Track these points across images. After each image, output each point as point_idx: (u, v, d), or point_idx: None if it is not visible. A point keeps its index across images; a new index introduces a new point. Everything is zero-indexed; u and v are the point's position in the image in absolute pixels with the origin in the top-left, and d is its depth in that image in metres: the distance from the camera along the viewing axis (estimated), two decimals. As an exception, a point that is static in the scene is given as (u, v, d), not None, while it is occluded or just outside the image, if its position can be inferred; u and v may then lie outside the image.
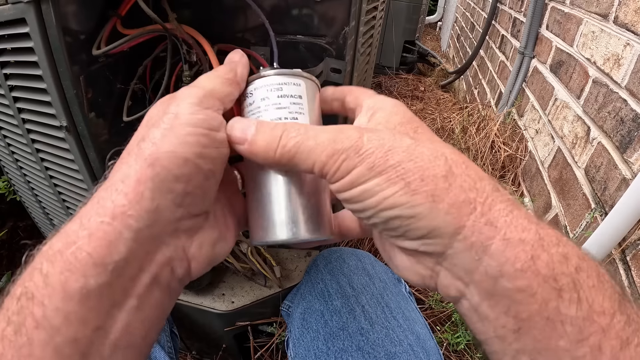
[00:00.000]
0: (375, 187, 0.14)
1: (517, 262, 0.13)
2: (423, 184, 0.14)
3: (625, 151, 0.49)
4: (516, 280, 0.13)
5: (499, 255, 0.13)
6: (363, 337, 0.36)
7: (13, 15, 0.27)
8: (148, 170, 0.14)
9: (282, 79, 0.19)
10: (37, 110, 0.32)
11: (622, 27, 0.54)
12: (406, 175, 0.14)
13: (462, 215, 0.14)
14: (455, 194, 0.14)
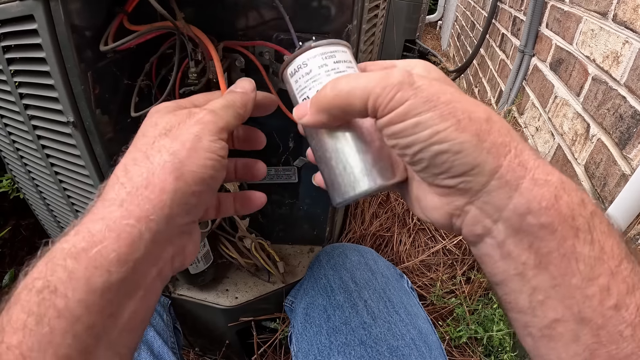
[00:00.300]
0: (428, 121, 0.15)
1: (543, 201, 0.15)
2: (470, 123, 0.15)
3: (624, 147, 0.49)
4: (541, 217, 0.14)
5: (528, 193, 0.15)
6: (365, 332, 0.37)
7: (21, 12, 0.27)
8: (173, 183, 0.16)
9: (334, 47, 0.20)
10: (44, 106, 0.32)
11: (620, 24, 0.54)
12: (457, 114, 0.15)
13: (500, 155, 0.15)
14: (495, 136, 0.15)
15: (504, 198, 0.15)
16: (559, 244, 0.15)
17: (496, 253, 0.16)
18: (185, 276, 0.46)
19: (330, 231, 0.53)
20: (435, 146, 0.15)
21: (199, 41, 0.29)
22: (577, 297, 0.14)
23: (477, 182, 0.15)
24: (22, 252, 0.86)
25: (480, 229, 0.16)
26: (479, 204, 0.16)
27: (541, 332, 0.16)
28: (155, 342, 0.40)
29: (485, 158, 0.15)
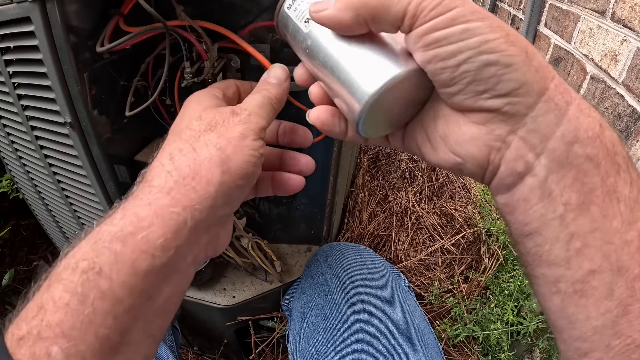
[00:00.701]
0: (478, 29, 0.14)
1: (589, 130, 0.14)
2: (519, 40, 0.14)
3: (622, 146, 0.49)
4: (587, 147, 0.14)
5: (575, 120, 0.14)
6: (362, 330, 0.37)
7: (18, 14, 0.27)
8: (219, 176, 0.17)
9: None
10: (41, 107, 0.32)
11: (619, 23, 0.54)
12: (504, 28, 0.14)
13: (546, 78, 0.14)
14: (540, 59, 0.15)
15: (551, 124, 0.14)
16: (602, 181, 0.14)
17: (535, 195, 0.15)
18: (183, 275, 0.47)
19: (327, 230, 0.54)
20: (485, 55, 0.14)
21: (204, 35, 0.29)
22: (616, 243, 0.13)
23: (524, 104, 0.14)
24: (22, 252, 0.86)
25: (522, 165, 0.15)
26: (523, 132, 0.14)
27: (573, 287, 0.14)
28: (154, 341, 0.40)
29: (533, 76, 0.14)
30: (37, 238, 0.87)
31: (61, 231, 0.52)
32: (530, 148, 0.15)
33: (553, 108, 0.14)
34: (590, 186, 0.14)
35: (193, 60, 0.32)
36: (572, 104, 0.14)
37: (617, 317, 0.13)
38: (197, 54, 0.31)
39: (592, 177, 0.14)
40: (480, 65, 0.14)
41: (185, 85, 0.31)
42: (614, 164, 0.14)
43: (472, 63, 0.14)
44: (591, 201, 0.14)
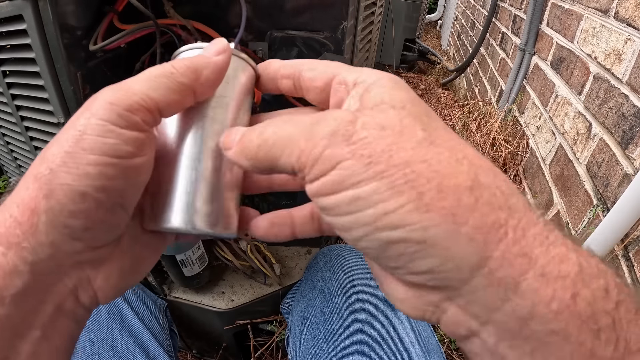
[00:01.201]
0: (373, 195, 0.10)
1: (554, 303, 0.11)
2: (441, 197, 0.10)
3: (627, 147, 0.49)
4: (550, 323, 0.11)
5: (532, 294, 0.11)
6: (364, 335, 0.36)
7: (10, 12, 0.27)
8: (42, 201, 0.12)
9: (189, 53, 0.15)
10: (35, 107, 0.32)
11: (622, 22, 0.54)
12: (417, 183, 0.10)
13: (489, 243, 0.11)
14: (483, 214, 0.11)
15: (495, 300, 0.11)
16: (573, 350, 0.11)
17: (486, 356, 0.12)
18: (180, 279, 0.46)
19: (328, 232, 0.53)
20: (385, 233, 0.11)
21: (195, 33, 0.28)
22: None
23: (454, 279, 0.11)
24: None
25: (465, 331, 0.12)
26: (460, 302, 0.12)
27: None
28: (151, 345, 0.39)
29: (464, 249, 0.10)
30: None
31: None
32: (472, 317, 0.12)
33: (495, 284, 0.11)
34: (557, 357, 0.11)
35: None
36: (529, 273, 0.11)
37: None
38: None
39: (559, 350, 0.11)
40: (382, 244, 0.11)
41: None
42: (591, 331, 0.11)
43: (371, 241, 0.11)
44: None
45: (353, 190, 0.11)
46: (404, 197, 0.10)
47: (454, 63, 1.97)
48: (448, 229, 0.10)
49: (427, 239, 0.10)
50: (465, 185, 0.11)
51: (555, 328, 0.11)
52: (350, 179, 0.11)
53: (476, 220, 0.10)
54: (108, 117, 0.12)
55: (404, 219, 0.10)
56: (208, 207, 0.15)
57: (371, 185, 0.10)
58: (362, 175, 0.11)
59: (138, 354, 0.37)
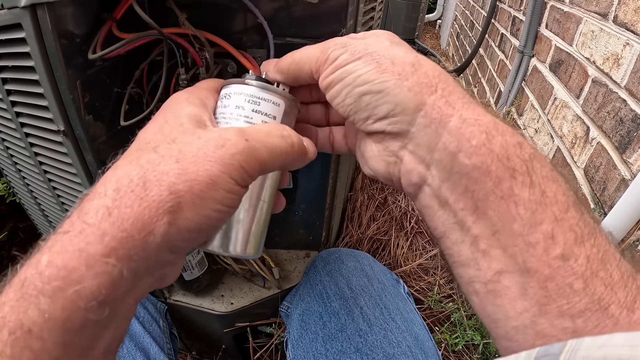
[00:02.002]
0: (353, 68, 0.16)
1: (473, 139, 0.14)
2: (392, 66, 0.16)
3: (624, 151, 0.49)
4: (472, 156, 0.14)
5: (456, 131, 0.14)
6: (361, 339, 0.37)
7: (9, 21, 0.27)
8: (163, 227, 0.14)
9: (263, 94, 0.18)
10: (35, 114, 0.32)
11: (621, 26, 0.54)
12: (380, 59, 0.16)
13: (423, 94, 0.15)
14: (420, 77, 0.16)
15: (432, 137, 0.15)
16: (494, 186, 0.14)
17: (434, 203, 0.16)
18: (180, 282, 0.46)
19: (326, 236, 0.53)
20: (357, 88, 0.16)
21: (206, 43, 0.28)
22: (520, 245, 0.13)
23: (403, 122, 0.16)
24: (20, 256, 0.86)
25: (416, 177, 0.16)
26: (411, 147, 0.16)
27: (486, 287, 0.14)
28: (152, 349, 0.39)
29: (406, 95, 0.15)
30: (35, 240, 0.86)
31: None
32: (419, 160, 0.16)
33: (430, 122, 0.15)
34: (483, 192, 0.14)
35: (188, 66, 0.31)
36: (453, 116, 0.15)
37: (535, 316, 0.13)
38: (192, 59, 0.31)
39: (483, 184, 0.14)
40: (356, 97, 0.16)
41: (181, 92, 0.31)
42: (507, 168, 0.14)
43: (351, 97, 0.17)
44: (487, 206, 0.14)
45: (343, 68, 0.17)
46: (370, 66, 0.16)
47: (452, 63, 1.96)
48: (396, 82, 0.16)
49: (383, 89, 0.16)
50: (409, 62, 0.16)
51: (477, 162, 0.14)
52: (344, 62, 0.17)
53: (414, 79, 0.16)
54: (237, 178, 0.15)
55: (369, 77, 0.16)
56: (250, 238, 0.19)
57: (354, 63, 0.17)
58: (350, 59, 0.17)
59: (139, 357, 0.37)
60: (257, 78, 0.19)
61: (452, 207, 0.15)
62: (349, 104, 0.17)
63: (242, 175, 0.15)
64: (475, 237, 0.15)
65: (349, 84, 0.16)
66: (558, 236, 0.13)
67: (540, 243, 0.13)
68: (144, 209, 0.14)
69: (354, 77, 0.16)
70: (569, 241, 0.13)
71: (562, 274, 0.13)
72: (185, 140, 0.15)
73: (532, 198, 0.13)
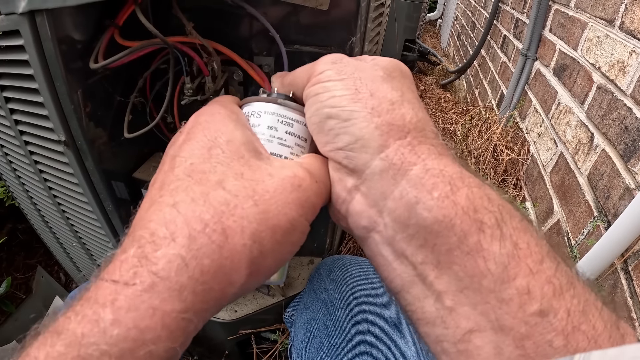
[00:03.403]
0: (331, 87, 0.16)
1: (435, 191, 0.13)
2: (369, 98, 0.15)
3: (629, 160, 0.49)
4: (433, 209, 0.13)
5: (417, 181, 0.13)
6: (367, 349, 0.36)
7: (7, 27, 0.26)
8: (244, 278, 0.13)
9: (296, 115, 0.18)
10: (35, 123, 0.31)
11: (628, 33, 0.53)
12: (360, 87, 0.15)
13: (390, 136, 0.14)
14: (394, 118, 0.15)
15: (389, 183, 0.14)
16: (459, 241, 0.13)
17: (388, 252, 0.14)
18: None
19: (330, 242, 0.53)
20: (327, 109, 0.15)
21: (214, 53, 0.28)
22: (492, 302, 0.12)
23: (359, 159, 0.15)
24: (19, 257, 0.85)
25: (366, 221, 0.15)
26: (364, 188, 0.15)
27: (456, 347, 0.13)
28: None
29: (371, 133, 0.14)
30: (34, 242, 0.85)
31: (58, 241, 0.51)
32: (371, 204, 0.15)
33: (389, 167, 0.14)
34: (446, 247, 0.13)
35: (193, 74, 0.30)
36: (416, 165, 0.14)
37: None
38: (198, 68, 0.30)
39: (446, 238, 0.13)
40: (323, 117, 0.16)
41: (186, 102, 0.30)
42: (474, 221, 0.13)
43: (318, 115, 0.16)
44: (451, 261, 0.13)
45: (323, 84, 0.16)
46: (348, 91, 0.15)
47: (453, 64, 1.96)
48: (365, 116, 0.15)
49: (350, 119, 0.15)
50: (389, 99, 0.15)
51: (439, 216, 0.13)
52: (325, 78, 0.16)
53: (386, 118, 0.15)
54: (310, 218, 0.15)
55: (341, 102, 0.15)
56: None
57: (334, 82, 0.16)
58: (332, 77, 0.16)
59: None
60: (287, 97, 0.18)
61: (410, 259, 0.14)
62: (314, 122, 0.16)
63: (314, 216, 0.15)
64: (439, 293, 0.13)
65: (321, 101, 0.16)
66: (534, 290, 0.12)
67: (515, 299, 0.12)
68: (226, 259, 0.12)
69: (328, 96, 0.16)
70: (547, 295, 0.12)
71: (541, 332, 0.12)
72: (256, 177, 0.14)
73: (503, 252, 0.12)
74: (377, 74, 0.16)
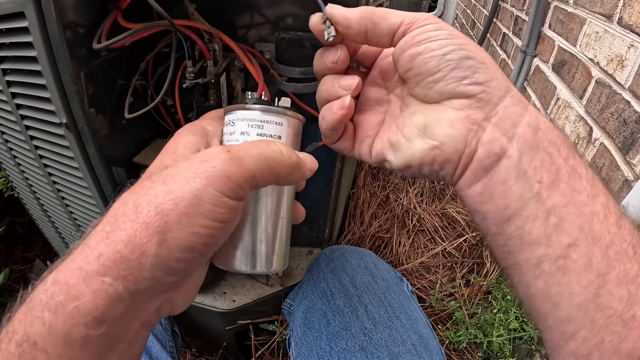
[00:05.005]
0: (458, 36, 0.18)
1: (546, 122, 0.17)
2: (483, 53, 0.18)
3: (627, 153, 0.49)
4: (548, 133, 0.17)
5: (535, 113, 0.17)
6: (366, 337, 0.36)
7: (12, 9, 0.26)
8: (154, 247, 0.14)
9: (264, 117, 0.19)
10: (36, 106, 0.31)
11: (626, 28, 0.54)
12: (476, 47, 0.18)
13: (509, 84, 0.18)
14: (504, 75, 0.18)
15: (518, 114, 0.17)
16: (565, 162, 0.16)
17: (511, 175, 0.17)
18: (182, 279, 0.46)
19: (329, 233, 0.53)
20: (465, 51, 0.17)
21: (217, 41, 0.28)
22: (587, 214, 0.15)
23: (496, 94, 0.17)
24: (18, 250, 0.85)
25: (498, 147, 0.17)
26: (495, 119, 0.17)
27: (556, 264, 0.16)
28: (154, 347, 0.39)
29: (502, 77, 0.18)
30: (32, 236, 0.85)
31: (57, 231, 0.51)
32: (502, 133, 0.17)
33: (517, 102, 0.17)
34: (556, 166, 0.16)
35: (195, 59, 0.31)
36: (529, 105, 0.18)
37: (598, 288, 0.15)
38: (200, 52, 0.30)
39: (556, 159, 0.16)
40: (462, 57, 0.17)
41: (187, 86, 0.30)
42: (570, 148, 0.17)
43: (455, 54, 0.17)
44: (560, 179, 0.16)
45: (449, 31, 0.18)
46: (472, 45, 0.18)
47: (454, 63, 1.96)
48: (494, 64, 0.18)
49: (485, 62, 0.18)
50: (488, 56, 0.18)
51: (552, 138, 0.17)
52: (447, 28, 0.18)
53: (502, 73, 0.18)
54: (222, 189, 0.15)
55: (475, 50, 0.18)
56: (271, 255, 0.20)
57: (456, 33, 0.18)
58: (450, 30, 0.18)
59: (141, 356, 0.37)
60: (257, 101, 0.19)
61: (530, 179, 0.16)
62: (450, 59, 0.17)
63: (229, 186, 0.15)
64: (549, 211, 0.16)
65: (457, 44, 0.17)
66: (611, 206, 0.15)
67: (601, 212, 0.15)
68: (136, 230, 0.14)
69: (460, 42, 0.17)
70: (618, 212, 0.15)
71: (619, 240, 0.15)
72: (175, 165, 0.16)
73: (588, 175, 0.16)
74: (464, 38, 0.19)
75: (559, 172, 0.16)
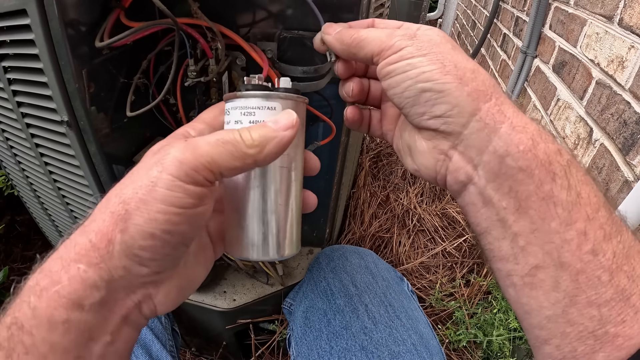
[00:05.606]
0: (418, 63, 0.17)
1: (521, 145, 0.16)
2: (455, 70, 0.17)
3: (627, 153, 0.49)
4: (519, 160, 0.16)
5: (506, 137, 0.16)
6: (366, 337, 0.37)
7: (14, 6, 0.26)
8: (118, 235, 0.15)
9: (255, 102, 0.18)
10: (37, 104, 0.31)
11: (627, 29, 0.54)
12: (444, 61, 0.17)
13: (480, 101, 0.17)
14: (478, 84, 0.17)
15: (483, 140, 0.16)
16: (537, 188, 0.15)
17: (478, 200, 0.17)
18: (182, 278, 0.46)
19: (330, 233, 0.53)
20: (420, 84, 0.17)
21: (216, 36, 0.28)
22: (556, 242, 0.15)
23: (458, 123, 0.17)
24: (17, 249, 0.84)
25: (463, 176, 0.18)
26: (461, 148, 0.17)
27: (523, 280, 0.16)
28: (154, 346, 0.39)
29: (465, 100, 0.17)
30: (32, 234, 0.85)
31: (57, 230, 0.51)
32: (467, 161, 0.17)
33: (484, 127, 0.16)
34: (525, 193, 0.16)
35: (197, 57, 0.31)
36: (504, 123, 0.16)
37: (566, 306, 0.15)
38: (202, 50, 0.30)
39: (526, 186, 0.16)
40: (418, 92, 0.17)
41: (189, 84, 0.30)
42: (548, 172, 0.15)
43: (411, 90, 0.18)
44: (528, 206, 0.16)
45: (408, 60, 0.18)
46: (435, 65, 0.17)
47: (454, 63, 1.96)
48: (457, 86, 0.17)
49: (444, 90, 0.17)
50: (470, 68, 0.17)
51: (523, 165, 0.16)
52: (409, 55, 0.18)
53: (473, 86, 0.17)
54: (177, 174, 0.15)
55: (433, 76, 0.17)
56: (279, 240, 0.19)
57: (419, 58, 0.17)
58: (415, 53, 0.18)
59: (141, 355, 0.37)
60: (250, 87, 0.18)
61: (496, 205, 0.17)
62: (408, 96, 0.18)
63: (183, 170, 0.15)
64: (515, 234, 0.16)
65: (412, 77, 0.17)
66: (589, 233, 0.15)
67: (574, 240, 0.15)
68: (104, 221, 0.15)
69: (417, 72, 0.17)
70: (598, 238, 0.15)
71: (592, 268, 0.14)
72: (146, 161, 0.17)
73: (569, 199, 0.15)
74: (447, 46, 0.18)
75: (528, 199, 0.16)
